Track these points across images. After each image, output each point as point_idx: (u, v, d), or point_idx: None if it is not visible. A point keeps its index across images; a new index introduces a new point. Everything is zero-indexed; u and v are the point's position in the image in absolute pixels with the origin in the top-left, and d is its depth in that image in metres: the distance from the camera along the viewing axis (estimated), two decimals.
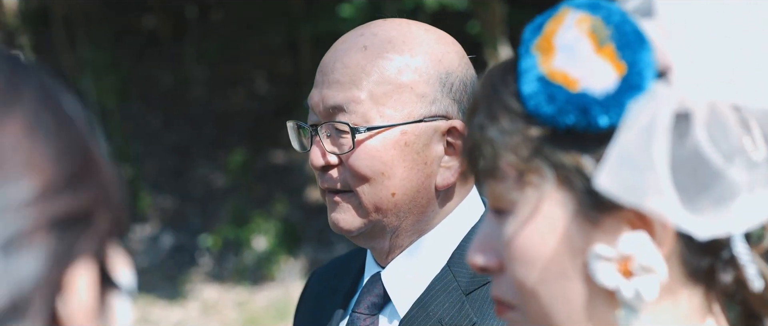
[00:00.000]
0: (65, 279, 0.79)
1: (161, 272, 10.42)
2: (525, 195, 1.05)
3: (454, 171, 1.73)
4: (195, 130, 12.28)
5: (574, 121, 1.01)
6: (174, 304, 9.59)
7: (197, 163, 11.93)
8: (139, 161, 11.92)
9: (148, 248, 10.90)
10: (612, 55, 1.01)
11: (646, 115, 0.98)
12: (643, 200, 0.99)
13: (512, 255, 1.07)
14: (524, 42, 1.06)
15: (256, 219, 10.58)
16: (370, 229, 1.73)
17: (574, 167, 1.03)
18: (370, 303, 1.78)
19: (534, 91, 1.03)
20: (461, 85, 1.73)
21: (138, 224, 11.20)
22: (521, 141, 1.04)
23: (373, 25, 1.77)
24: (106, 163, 0.85)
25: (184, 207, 11.47)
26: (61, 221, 0.78)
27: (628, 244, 1.02)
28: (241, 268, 10.26)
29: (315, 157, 1.73)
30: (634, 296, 1.02)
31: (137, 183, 11.54)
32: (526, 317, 1.09)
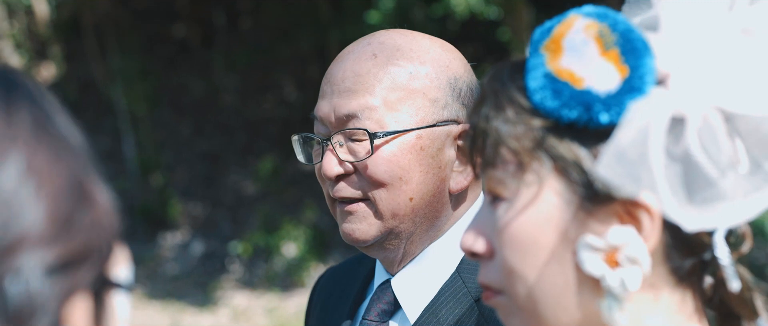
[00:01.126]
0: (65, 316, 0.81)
1: (192, 279, 10.47)
2: (523, 182, 1.12)
3: (467, 175, 1.75)
4: (225, 137, 12.35)
5: (576, 116, 1.08)
6: (204, 311, 9.64)
7: (227, 170, 11.99)
8: (170, 169, 11.99)
9: (178, 255, 10.96)
10: (616, 59, 1.08)
11: (645, 116, 1.06)
12: (637, 192, 1.06)
13: (505, 240, 1.13)
14: (533, 43, 1.13)
15: (286, 226, 10.61)
16: (385, 237, 1.74)
17: (572, 159, 1.09)
18: (381, 310, 1.79)
19: (540, 86, 1.10)
20: (468, 90, 1.76)
21: (169, 231, 11.26)
22: (524, 131, 1.11)
23: (378, 35, 1.78)
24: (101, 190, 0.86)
25: (215, 214, 11.52)
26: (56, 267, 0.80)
27: (616, 236, 1.08)
28: (271, 275, 10.30)
29: (329, 166, 1.71)
30: (619, 285, 1.08)
31: (168, 191, 11.61)
32: (512, 302, 1.15)
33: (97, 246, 0.83)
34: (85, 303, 0.83)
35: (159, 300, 9.83)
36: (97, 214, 0.84)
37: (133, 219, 11.43)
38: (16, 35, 12.76)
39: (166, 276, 10.57)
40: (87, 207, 0.84)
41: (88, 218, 0.83)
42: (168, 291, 10.09)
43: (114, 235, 0.86)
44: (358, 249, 1.81)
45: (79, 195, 0.83)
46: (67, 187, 0.82)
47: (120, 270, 0.89)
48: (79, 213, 0.83)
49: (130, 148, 12.02)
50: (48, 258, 0.80)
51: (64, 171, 0.83)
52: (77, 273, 0.82)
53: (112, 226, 0.86)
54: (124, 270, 0.89)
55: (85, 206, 0.83)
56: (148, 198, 11.52)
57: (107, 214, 0.86)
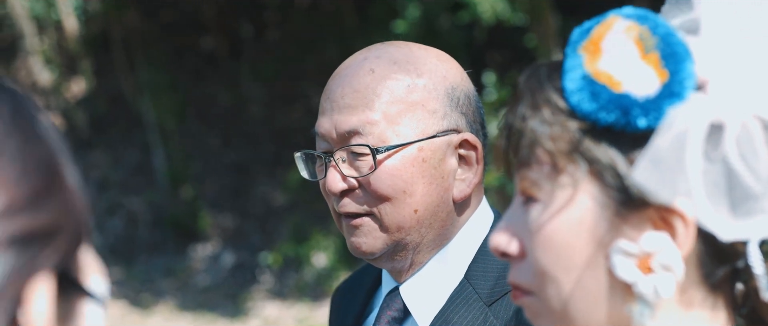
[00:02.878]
0: (24, 293, 0.82)
1: (222, 290, 10.50)
2: (558, 184, 1.11)
3: (469, 183, 1.75)
4: (253, 148, 12.39)
5: (614, 120, 1.06)
6: (235, 322, 9.66)
7: (256, 181, 12.03)
8: (199, 180, 12.04)
9: (209, 267, 11.00)
10: (656, 63, 1.07)
11: (683, 122, 1.04)
12: (672, 199, 1.04)
13: (538, 242, 1.12)
14: (571, 43, 1.12)
15: (316, 236, 10.63)
16: (392, 249, 1.75)
17: (608, 163, 1.08)
18: (390, 317, 1.80)
19: (578, 88, 1.08)
20: (466, 99, 1.76)
21: (199, 243, 11.31)
22: (560, 132, 1.09)
23: (374, 49, 1.79)
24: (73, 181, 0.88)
25: (244, 225, 11.56)
26: (20, 238, 0.82)
27: (650, 242, 1.07)
28: (301, 285, 10.31)
29: (333, 182, 1.73)
30: (651, 292, 1.07)
31: (197, 203, 11.66)
32: (543, 303, 1.14)
33: (64, 230, 0.85)
34: (48, 287, 0.83)
35: (190, 311, 9.87)
36: (67, 199, 0.86)
37: (164, 232, 11.49)
38: (46, 51, 12.88)
39: (197, 287, 10.61)
40: (57, 190, 0.85)
41: (57, 201, 0.85)
42: (199, 302, 10.13)
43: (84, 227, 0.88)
44: None
45: (50, 178, 0.85)
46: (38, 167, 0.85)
47: (94, 281, 0.89)
48: (48, 194, 0.84)
49: (160, 161, 12.08)
50: (11, 228, 0.81)
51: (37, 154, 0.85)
52: (41, 251, 0.83)
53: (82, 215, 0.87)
54: (98, 281, 0.90)
55: (55, 189, 0.85)
56: (178, 211, 11.58)
57: (78, 203, 0.87)
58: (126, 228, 11.52)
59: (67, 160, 0.89)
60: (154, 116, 12.16)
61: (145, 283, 10.60)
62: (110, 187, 11.91)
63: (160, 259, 11.15)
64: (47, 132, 0.89)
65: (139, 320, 9.67)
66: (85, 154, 12.31)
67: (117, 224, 11.53)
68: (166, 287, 10.58)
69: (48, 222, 0.84)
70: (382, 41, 1.84)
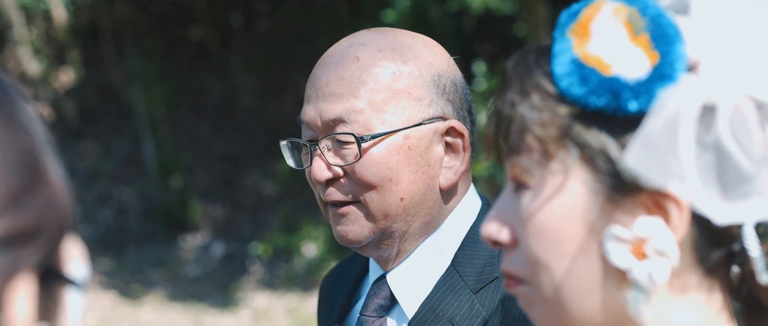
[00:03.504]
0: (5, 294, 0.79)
1: (213, 280, 10.50)
2: (549, 171, 1.09)
3: (456, 171, 1.74)
4: (244, 139, 12.38)
5: (604, 104, 1.05)
6: (226, 312, 9.66)
7: (247, 172, 12.02)
8: (189, 171, 12.02)
9: (199, 257, 10.99)
10: (646, 45, 1.05)
11: (674, 104, 1.02)
12: (665, 183, 1.03)
13: (530, 230, 1.11)
14: (560, 26, 1.10)
15: (306, 226, 10.63)
16: (378, 237, 1.74)
17: (599, 148, 1.06)
18: (378, 305, 1.79)
19: (567, 72, 1.06)
20: (452, 86, 1.75)
21: (189, 233, 11.30)
22: (550, 118, 1.08)
23: (359, 36, 1.78)
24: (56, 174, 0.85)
25: (235, 215, 11.55)
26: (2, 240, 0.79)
27: (644, 227, 1.05)
28: (291, 275, 10.31)
29: (318, 171, 1.72)
30: (646, 278, 1.06)
31: (187, 193, 11.64)
32: (536, 292, 1.12)
33: (46, 228, 0.82)
34: (29, 287, 0.81)
35: (180, 302, 9.87)
36: (49, 195, 0.83)
37: (154, 222, 11.48)
38: (34, 41, 12.83)
39: (187, 278, 10.60)
40: (39, 187, 0.83)
41: (40, 198, 0.82)
42: (189, 293, 10.13)
43: (67, 222, 0.85)
44: None
45: (32, 174, 0.82)
46: (19, 163, 0.81)
47: (74, 267, 0.87)
48: (30, 191, 0.81)
49: (150, 151, 12.06)
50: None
51: (18, 149, 0.82)
52: (22, 251, 0.80)
53: (65, 211, 0.85)
54: (78, 267, 0.87)
55: (37, 186, 0.82)
56: (168, 201, 11.56)
57: (61, 198, 0.85)
58: (116, 219, 11.50)
59: (50, 151, 0.86)
60: (143, 107, 12.13)
61: (135, 274, 10.59)
62: (100, 178, 11.88)
63: (150, 250, 11.14)
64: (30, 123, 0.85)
65: (128, 310, 9.66)
66: (74, 145, 12.28)
67: (107, 215, 11.52)
68: (156, 277, 10.57)
69: (30, 222, 0.81)
70: None
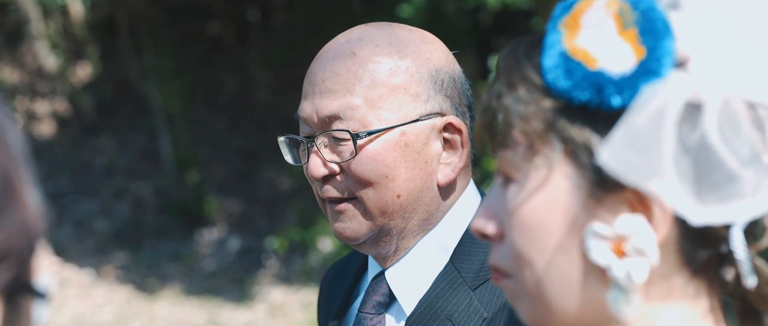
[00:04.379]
0: None
1: (228, 275, 10.51)
2: (533, 165, 1.08)
3: (454, 167, 1.73)
4: (260, 133, 12.38)
5: (588, 98, 1.03)
6: (241, 306, 9.68)
7: (263, 166, 12.02)
8: (206, 165, 12.04)
9: (215, 251, 11.01)
10: (634, 39, 1.03)
11: (659, 100, 1.00)
12: (644, 181, 1.01)
13: (514, 223, 1.10)
14: (553, 18, 1.09)
15: (322, 221, 10.62)
16: (376, 235, 1.73)
17: (583, 143, 1.05)
18: (376, 302, 1.78)
19: (554, 65, 1.05)
20: (451, 81, 1.73)
21: (205, 228, 11.32)
22: (535, 111, 1.07)
23: (356, 31, 1.76)
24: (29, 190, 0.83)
25: (251, 210, 11.56)
26: None
27: (624, 225, 1.04)
28: (307, 270, 10.32)
29: (315, 167, 1.71)
30: (625, 276, 1.04)
31: (204, 188, 11.66)
32: (520, 286, 1.11)
33: (17, 248, 0.80)
34: None
35: (196, 296, 9.89)
36: (21, 216, 0.81)
37: (170, 217, 11.50)
38: (51, 36, 12.87)
39: (203, 272, 10.62)
40: (12, 208, 0.81)
41: (12, 219, 0.80)
42: (205, 287, 10.14)
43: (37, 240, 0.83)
44: None
45: (5, 195, 0.81)
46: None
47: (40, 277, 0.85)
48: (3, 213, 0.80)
49: (166, 146, 12.08)
50: None
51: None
52: None
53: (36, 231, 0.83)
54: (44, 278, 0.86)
55: (10, 207, 0.81)
56: (185, 196, 11.58)
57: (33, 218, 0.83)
58: (132, 214, 11.53)
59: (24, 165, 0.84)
60: (160, 101, 12.15)
61: (151, 268, 10.61)
62: (116, 173, 11.92)
63: (166, 244, 11.17)
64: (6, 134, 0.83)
65: (145, 305, 9.69)
66: (91, 140, 12.32)
67: (123, 209, 11.55)
68: (173, 272, 10.59)
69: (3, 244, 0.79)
70: None
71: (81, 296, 9.77)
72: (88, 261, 10.42)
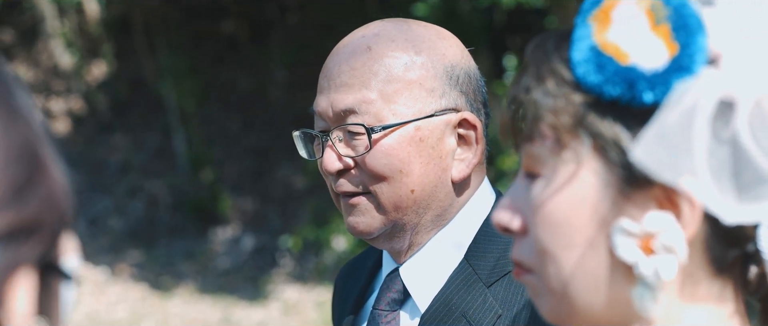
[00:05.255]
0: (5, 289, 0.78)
1: (242, 273, 10.53)
2: (561, 159, 1.06)
3: (468, 163, 1.72)
4: (274, 132, 12.39)
5: (619, 93, 1.02)
6: (255, 305, 9.69)
7: (277, 165, 12.03)
8: (220, 164, 12.06)
9: (229, 250, 11.03)
10: (666, 35, 1.02)
11: (691, 98, 1.00)
12: (676, 179, 1.00)
13: (539, 219, 1.08)
14: (582, 12, 1.07)
15: (336, 220, 10.63)
16: (390, 229, 1.73)
17: (612, 138, 1.04)
18: (390, 299, 1.78)
19: (584, 59, 1.04)
20: (466, 77, 1.73)
21: (219, 226, 11.33)
22: (564, 105, 1.05)
23: (372, 26, 1.75)
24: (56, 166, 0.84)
25: (265, 208, 11.57)
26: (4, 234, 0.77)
27: (653, 222, 1.03)
28: (321, 268, 10.32)
29: (329, 162, 1.71)
30: (652, 274, 1.03)
31: (218, 186, 11.68)
32: (543, 282, 1.10)
33: (47, 221, 0.80)
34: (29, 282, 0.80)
35: (210, 294, 9.91)
36: (50, 189, 0.82)
37: (184, 215, 11.53)
38: (66, 34, 12.91)
39: (217, 270, 10.64)
40: (41, 180, 0.81)
41: (41, 191, 0.81)
42: (219, 285, 10.16)
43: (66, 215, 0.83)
44: None
45: (33, 167, 0.81)
46: (20, 156, 0.80)
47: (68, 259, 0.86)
48: (32, 184, 0.80)
49: (180, 144, 12.11)
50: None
51: (19, 141, 0.80)
52: (23, 246, 0.79)
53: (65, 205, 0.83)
54: (72, 260, 0.86)
55: (38, 178, 0.81)
56: (199, 194, 11.61)
57: (61, 192, 0.83)
58: (146, 212, 11.56)
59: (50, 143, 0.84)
60: (174, 100, 12.18)
61: (165, 266, 10.64)
62: (131, 171, 11.95)
63: (180, 242, 11.19)
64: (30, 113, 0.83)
65: (159, 303, 9.71)
66: (105, 138, 12.35)
67: (138, 207, 11.58)
68: (187, 270, 10.61)
69: (31, 216, 0.79)
70: None
71: (95, 294, 9.80)
72: (102, 259, 10.46)
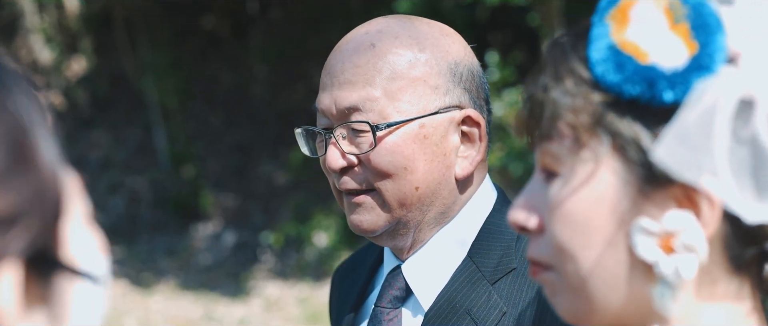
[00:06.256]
0: None
1: (224, 269, 10.51)
2: (579, 159, 1.06)
3: (472, 160, 1.72)
4: (256, 129, 12.37)
5: (639, 92, 1.02)
6: (237, 301, 9.67)
7: (259, 161, 12.01)
8: (202, 160, 12.03)
9: (210, 246, 11.00)
10: (686, 34, 1.02)
11: (711, 97, 0.99)
12: (697, 178, 1.00)
13: (558, 217, 1.08)
14: (599, 11, 1.07)
15: (317, 216, 10.62)
16: (393, 227, 1.72)
17: (632, 138, 1.04)
18: (393, 296, 1.77)
19: (603, 58, 1.04)
20: (469, 74, 1.73)
21: (201, 223, 11.31)
22: (583, 104, 1.05)
23: (375, 23, 1.75)
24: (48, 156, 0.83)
25: (246, 205, 11.55)
26: None
27: (673, 221, 1.03)
28: (303, 265, 10.31)
29: (333, 159, 1.71)
30: (673, 272, 1.03)
31: (199, 182, 11.65)
32: (562, 279, 1.10)
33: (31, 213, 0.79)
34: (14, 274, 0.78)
35: (192, 290, 9.88)
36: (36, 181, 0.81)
37: (165, 211, 11.49)
38: (46, 29, 12.84)
39: (199, 266, 10.61)
40: (24, 170, 0.80)
41: (24, 182, 0.79)
42: (201, 281, 10.14)
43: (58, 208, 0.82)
44: None
45: (16, 156, 0.80)
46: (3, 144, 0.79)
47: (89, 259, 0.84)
48: (13, 174, 0.79)
49: (162, 141, 12.07)
50: None
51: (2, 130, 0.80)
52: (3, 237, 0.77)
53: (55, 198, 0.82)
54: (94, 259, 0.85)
55: (22, 168, 0.80)
56: (180, 190, 11.57)
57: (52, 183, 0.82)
58: (128, 208, 11.52)
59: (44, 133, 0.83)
60: (156, 95, 12.13)
61: (146, 262, 10.60)
62: (112, 167, 11.90)
63: (161, 239, 11.16)
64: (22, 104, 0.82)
65: (140, 299, 9.68)
66: (86, 134, 12.29)
67: (119, 203, 11.53)
68: (168, 266, 10.58)
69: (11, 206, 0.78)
70: None
71: None
72: None
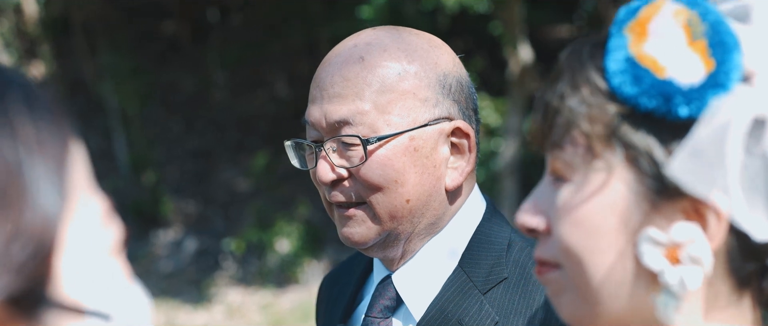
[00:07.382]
0: None
1: (185, 276, 10.45)
2: (592, 168, 1.08)
3: (462, 171, 1.72)
4: (217, 134, 12.32)
5: (655, 106, 1.03)
6: (199, 308, 9.62)
7: (220, 167, 11.96)
8: (162, 166, 11.96)
9: (171, 253, 10.94)
10: (703, 51, 1.03)
11: (725, 115, 1.01)
12: (708, 193, 1.01)
13: (567, 222, 1.10)
14: (617, 22, 1.08)
15: (279, 222, 10.59)
16: (384, 238, 1.72)
17: (645, 150, 1.05)
18: (383, 306, 1.77)
19: (620, 69, 1.05)
20: (458, 85, 1.74)
21: (161, 229, 11.24)
22: (599, 114, 1.06)
23: (363, 35, 1.75)
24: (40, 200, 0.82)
25: (207, 211, 11.50)
26: None
27: (680, 233, 1.05)
28: (265, 271, 10.28)
29: (324, 172, 1.70)
30: (677, 283, 1.05)
31: (159, 188, 11.58)
32: (568, 278, 1.12)
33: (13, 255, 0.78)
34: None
35: (153, 298, 9.82)
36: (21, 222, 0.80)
37: (126, 218, 11.41)
38: (4, 34, 12.71)
39: (160, 274, 10.55)
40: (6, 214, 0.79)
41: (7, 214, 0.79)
42: (162, 288, 10.07)
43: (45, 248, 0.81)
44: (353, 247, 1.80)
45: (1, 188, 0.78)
46: None
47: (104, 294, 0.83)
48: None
49: (122, 146, 11.98)
50: None
51: None
52: None
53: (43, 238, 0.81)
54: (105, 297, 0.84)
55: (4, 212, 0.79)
56: (140, 197, 11.50)
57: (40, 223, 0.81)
58: None
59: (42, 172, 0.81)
60: (115, 101, 12.05)
61: None
62: None
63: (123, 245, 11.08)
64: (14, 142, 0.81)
65: None
66: None
67: None
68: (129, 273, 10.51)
69: None
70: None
71: None
72: None
